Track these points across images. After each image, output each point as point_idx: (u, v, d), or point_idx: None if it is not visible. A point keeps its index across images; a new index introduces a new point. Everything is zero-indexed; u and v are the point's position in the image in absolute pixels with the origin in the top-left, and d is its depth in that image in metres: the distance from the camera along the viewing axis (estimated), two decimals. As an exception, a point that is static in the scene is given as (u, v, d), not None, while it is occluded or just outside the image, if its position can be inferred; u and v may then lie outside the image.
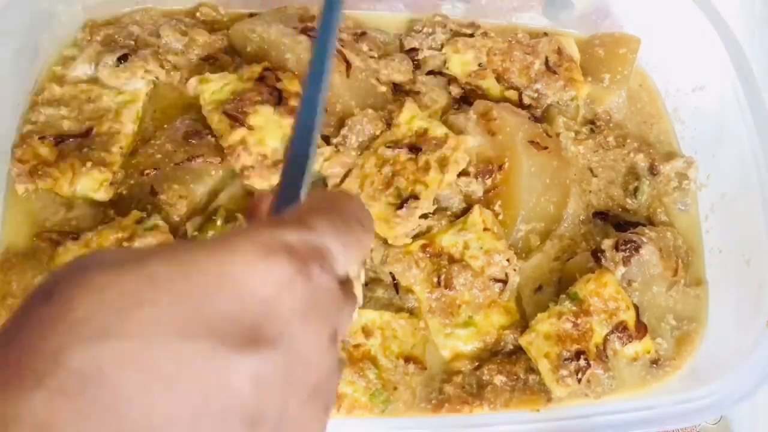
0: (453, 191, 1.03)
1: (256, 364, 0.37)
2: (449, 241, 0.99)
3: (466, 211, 1.03)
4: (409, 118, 1.04)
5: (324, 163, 1.03)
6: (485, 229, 0.99)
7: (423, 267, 0.97)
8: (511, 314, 0.99)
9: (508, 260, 0.98)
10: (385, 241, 1.00)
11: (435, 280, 0.97)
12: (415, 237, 1.00)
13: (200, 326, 0.36)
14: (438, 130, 1.03)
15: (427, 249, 0.99)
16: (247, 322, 0.38)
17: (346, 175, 1.03)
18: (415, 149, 1.01)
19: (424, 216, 1.00)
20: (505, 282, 0.98)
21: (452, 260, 0.98)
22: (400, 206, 0.98)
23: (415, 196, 0.98)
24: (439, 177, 0.99)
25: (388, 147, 1.02)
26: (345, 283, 0.47)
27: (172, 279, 0.38)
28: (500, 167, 1.03)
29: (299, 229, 0.44)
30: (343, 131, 1.06)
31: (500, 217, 1.03)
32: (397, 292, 1.00)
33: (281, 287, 0.40)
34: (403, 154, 1.01)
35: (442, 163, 1.00)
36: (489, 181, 1.04)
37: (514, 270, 0.99)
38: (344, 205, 0.50)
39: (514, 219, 1.02)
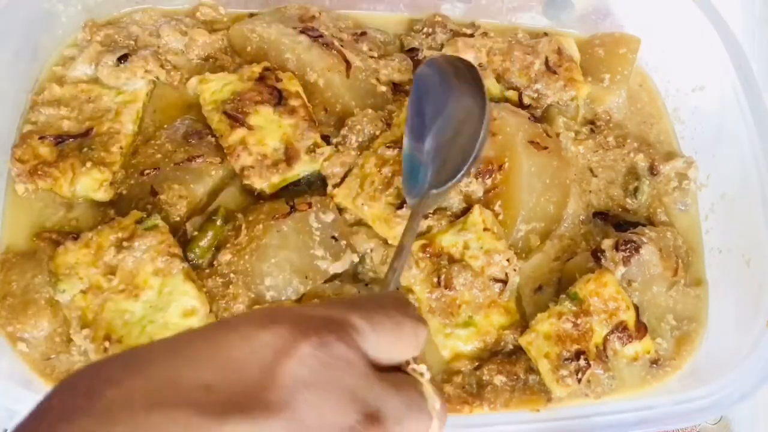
0: (453, 191, 1.03)
1: (238, 429, 0.35)
2: (449, 241, 0.99)
3: (466, 211, 1.02)
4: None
5: (324, 162, 1.03)
6: (485, 229, 0.99)
7: (423, 267, 0.97)
8: (511, 314, 0.99)
9: (508, 260, 0.98)
10: (385, 241, 1.00)
11: (435, 280, 0.97)
12: (416, 237, 1.00)
13: (175, 397, 0.35)
14: None
15: (427, 249, 0.99)
16: (236, 389, 0.36)
17: (346, 175, 1.03)
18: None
19: (425, 216, 1.00)
20: (505, 282, 0.98)
21: (452, 260, 0.98)
22: (400, 206, 0.98)
23: None
24: None
25: (388, 147, 1.02)
26: (392, 372, 0.44)
27: (152, 359, 0.38)
28: (500, 167, 1.03)
29: (312, 306, 0.44)
30: (343, 131, 1.06)
31: (500, 217, 1.03)
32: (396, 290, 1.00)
33: (284, 353, 0.38)
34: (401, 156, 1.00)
35: None
36: (489, 181, 1.04)
37: (514, 270, 0.99)
38: (382, 296, 0.50)
39: (514, 219, 1.02)
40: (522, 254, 1.03)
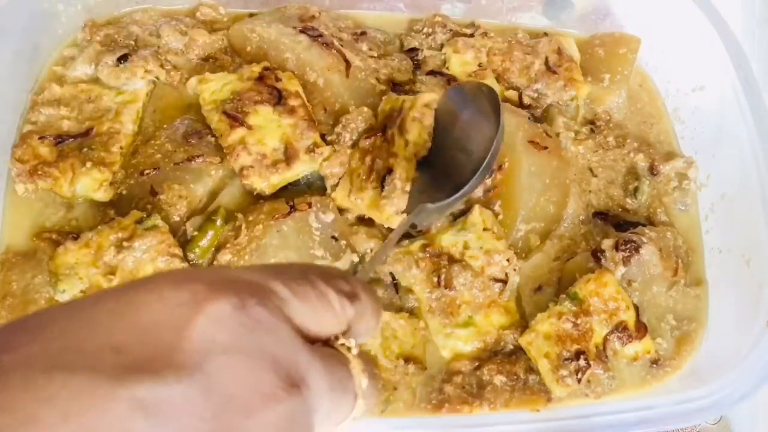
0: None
1: (143, 392, 0.33)
2: (449, 241, 0.99)
3: (466, 211, 1.03)
4: (387, 106, 1.04)
5: (323, 163, 1.03)
6: (485, 229, 0.99)
7: (423, 267, 0.97)
8: (511, 314, 0.99)
9: (508, 260, 0.98)
10: (384, 239, 1.00)
11: (435, 280, 0.97)
12: (416, 237, 1.00)
13: (79, 360, 0.33)
14: (404, 102, 1.00)
15: (427, 249, 0.99)
16: (143, 351, 0.34)
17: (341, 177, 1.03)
18: (384, 129, 1.01)
19: (424, 230, 0.99)
20: (505, 282, 0.98)
21: (452, 260, 0.98)
22: (381, 187, 0.97)
23: (390, 169, 0.96)
24: (402, 141, 0.96)
25: (367, 137, 1.02)
26: (322, 344, 0.42)
27: (55, 321, 0.36)
28: (500, 167, 1.03)
29: (242, 268, 0.41)
30: (337, 129, 1.06)
31: (500, 217, 1.03)
32: (397, 292, 1.00)
33: (197, 311, 0.36)
34: (378, 139, 1.01)
35: (405, 127, 0.97)
36: (489, 181, 1.04)
37: (514, 270, 0.99)
38: (310, 266, 0.46)
39: (514, 219, 1.02)
40: (522, 254, 1.03)
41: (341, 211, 1.03)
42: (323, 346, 0.44)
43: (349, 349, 0.45)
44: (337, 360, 0.43)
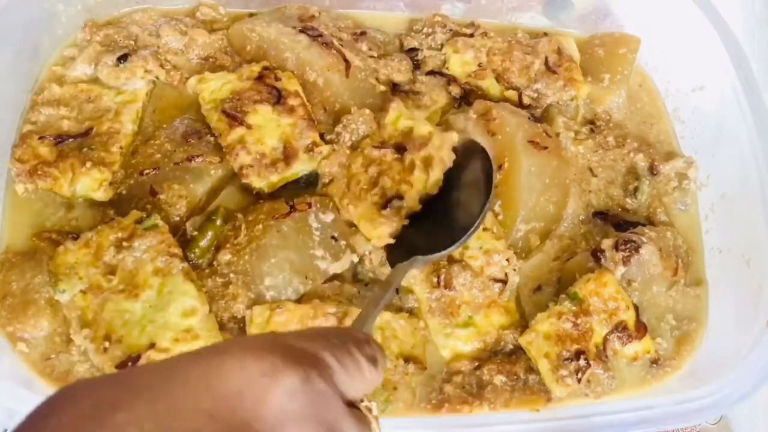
0: None
1: None
2: None
3: None
4: (395, 118, 1.03)
5: (322, 161, 1.03)
6: (485, 229, 0.99)
7: (422, 267, 0.97)
8: (511, 314, 0.99)
9: (507, 260, 0.98)
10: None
11: (435, 280, 0.97)
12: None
13: (181, 422, 0.38)
14: (423, 128, 1.01)
15: None
16: (232, 418, 0.40)
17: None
18: (400, 149, 1.00)
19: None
20: (504, 282, 0.98)
21: (452, 260, 0.98)
22: (384, 206, 0.96)
23: (400, 196, 0.96)
24: (424, 177, 0.97)
25: (375, 147, 1.01)
26: (352, 407, 0.48)
27: (151, 384, 0.41)
28: (500, 167, 1.03)
29: (294, 337, 0.48)
30: (338, 128, 1.06)
31: (500, 217, 1.03)
32: (397, 292, 1.00)
33: (274, 383, 0.42)
34: (390, 154, 1.00)
35: (427, 163, 0.97)
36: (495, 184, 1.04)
37: (514, 270, 0.99)
38: (343, 332, 0.53)
39: (514, 219, 1.02)
40: (522, 254, 1.03)
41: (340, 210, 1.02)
42: (354, 407, 0.50)
43: (370, 410, 0.52)
44: (366, 422, 0.50)
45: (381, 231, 0.95)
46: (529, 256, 1.04)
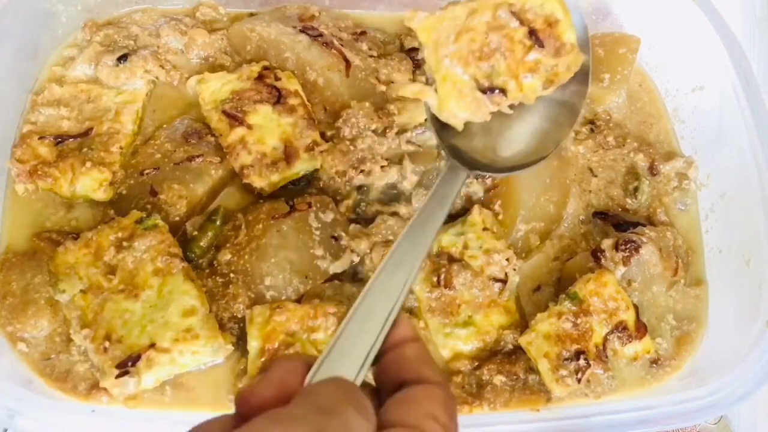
0: None
1: None
2: (449, 240, 0.99)
3: (466, 210, 1.03)
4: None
5: (327, 157, 1.03)
6: (485, 229, 0.99)
7: (422, 266, 0.97)
8: (511, 314, 0.99)
9: (507, 260, 0.98)
10: (385, 242, 0.99)
11: (435, 279, 0.97)
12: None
13: None
14: (569, 34, 0.83)
15: None
16: None
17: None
18: (535, 38, 0.83)
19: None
20: (504, 282, 0.98)
21: (452, 260, 0.98)
22: (484, 91, 0.83)
23: (504, 91, 0.83)
24: (538, 85, 0.85)
25: (512, 12, 0.82)
26: None
27: None
28: None
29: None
30: (338, 123, 1.06)
31: (500, 217, 1.03)
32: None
33: None
34: (521, 34, 0.83)
35: (550, 77, 0.85)
36: (489, 181, 1.04)
37: (514, 270, 0.99)
38: (326, 392, 0.48)
39: (514, 219, 1.02)
40: (522, 254, 1.03)
41: (337, 203, 1.02)
42: None
43: None
44: None
45: (462, 108, 0.82)
46: (529, 256, 1.04)
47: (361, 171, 1.01)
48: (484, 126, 0.86)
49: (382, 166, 1.02)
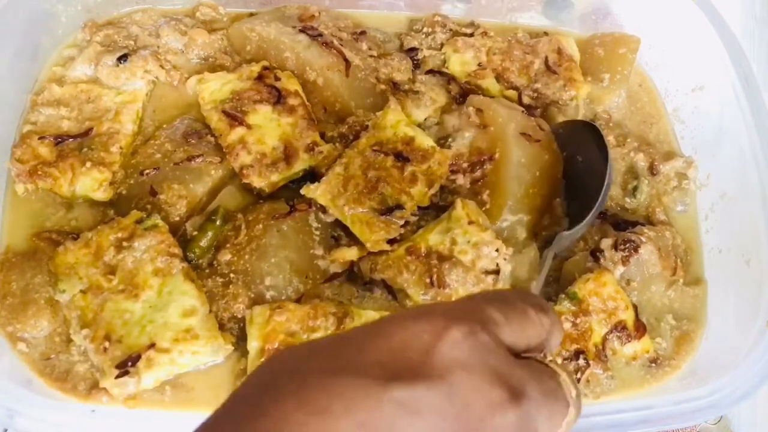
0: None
1: (402, 394, 0.43)
2: (436, 239, 0.97)
3: (447, 206, 1.02)
4: (395, 122, 1.04)
5: (322, 160, 1.03)
6: (470, 223, 0.97)
7: (413, 270, 0.96)
8: None
9: (497, 250, 0.96)
10: (369, 253, 0.98)
11: (427, 280, 0.95)
12: (400, 240, 0.99)
13: (356, 370, 0.44)
14: (425, 141, 1.03)
15: (413, 251, 0.97)
16: (400, 366, 0.44)
17: (327, 169, 1.02)
18: (402, 158, 1.01)
19: (405, 224, 0.99)
20: (497, 272, 0.96)
21: (442, 258, 0.96)
22: (384, 213, 0.97)
23: (401, 206, 0.98)
24: (425, 190, 1.00)
25: (375, 150, 1.01)
26: (528, 360, 0.50)
27: (329, 346, 0.49)
28: (491, 158, 1.03)
29: (454, 302, 0.52)
30: (342, 129, 1.06)
31: (487, 206, 1.02)
32: (395, 297, 0.99)
33: (438, 338, 0.45)
34: (390, 161, 1.00)
35: (429, 177, 1.00)
36: (479, 173, 1.04)
37: (505, 259, 0.97)
38: (504, 290, 0.57)
39: (501, 208, 1.01)
40: (507, 246, 1.02)
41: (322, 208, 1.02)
42: (532, 360, 0.51)
43: (558, 364, 0.52)
44: (546, 373, 0.50)
45: (379, 236, 0.96)
46: (517, 249, 1.03)
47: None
48: None
49: None
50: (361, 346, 0.46)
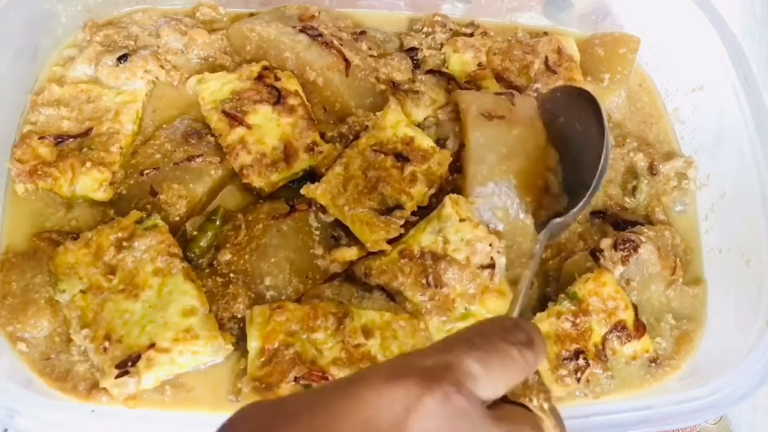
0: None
1: None
2: (429, 239, 0.97)
3: (435, 206, 1.01)
4: (395, 123, 1.04)
5: (322, 160, 1.03)
6: (461, 220, 0.97)
7: (409, 272, 0.95)
8: (506, 295, 0.97)
9: (490, 245, 0.96)
10: (369, 253, 0.98)
11: (424, 281, 0.95)
12: (393, 241, 0.98)
13: None
14: (425, 142, 1.03)
15: (406, 253, 0.97)
16: None
17: (327, 169, 1.02)
18: (402, 158, 1.01)
19: (405, 224, 0.99)
20: (492, 266, 0.96)
21: (436, 258, 0.96)
22: (384, 213, 0.97)
23: (400, 206, 0.98)
24: (425, 190, 1.00)
25: (375, 150, 1.01)
26: (501, 409, 0.48)
27: (300, 411, 0.45)
28: (462, 145, 1.03)
29: (432, 352, 0.48)
30: (343, 129, 1.06)
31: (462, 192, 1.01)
32: (393, 299, 0.98)
33: (410, 409, 0.43)
34: (390, 161, 1.01)
35: (429, 177, 1.00)
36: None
37: (498, 252, 0.97)
38: (486, 325, 0.53)
39: (468, 192, 0.99)
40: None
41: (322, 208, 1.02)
42: (515, 410, 0.50)
43: (543, 409, 0.51)
44: (526, 422, 0.49)
45: (379, 236, 0.96)
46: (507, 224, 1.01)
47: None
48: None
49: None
50: (337, 413, 0.44)
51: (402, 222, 0.98)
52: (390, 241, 0.97)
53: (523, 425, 0.48)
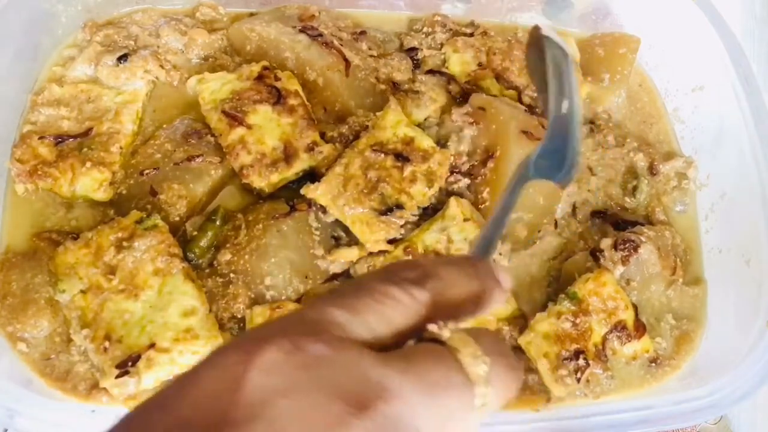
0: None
1: None
2: (433, 238, 0.98)
3: (440, 206, 1.02)
4: (395, 123, 1.04)
5: (322, 160, 1.03)
6: (466, 220, 0.98)
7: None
8: (508, 300, 0.97)
9: None
10: (369, 253, 0.99)
11: None
12: (397, 240, 0.98)
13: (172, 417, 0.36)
14: (425, 142, 1.03)
15: (408, 250, 0.97)
16: (207, 417, 0.36)
17: (327, 169, 1.02)
18: (402, 158, 1.01)
19: (405, 224, 0.99)
20: None
21: (439, 256, 0.97)
22: (384, 213, 0.97)
23: (400, 206, 0.98)
24: (425, 190, 1.00)
25: (375, 150, 1.01)
26: (403, 349, 0.41)
27: (139, 410, 0.39)
28: (492, 155, 1.03)
29: (294, 312, 0.43)
30: (343, 129, 1.06)
31: (487, 204, 1.02)
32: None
33: (247, 367, 0.37)
34: (390, 161, 1.01)
35: (429, 177, 1.00)
36: (480, 171, 1.03)
37: (500, 254, 0.97)
38: (373, 271, 0.45)
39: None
40: (506, 243, 1.02)
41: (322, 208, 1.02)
42: (418, 347, 0.42)
43: (460, 338, 0.42)
44: (431, 355, 0.41)
45: (379, 236, 0.96)
46: (517, 248, 1.03)
47: None
48: None
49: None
50: (163, 404, 0.37)
51: (402, 222, 0.98)
52: (390, 242, 0.97)
53: (424, 361, 0.40)
